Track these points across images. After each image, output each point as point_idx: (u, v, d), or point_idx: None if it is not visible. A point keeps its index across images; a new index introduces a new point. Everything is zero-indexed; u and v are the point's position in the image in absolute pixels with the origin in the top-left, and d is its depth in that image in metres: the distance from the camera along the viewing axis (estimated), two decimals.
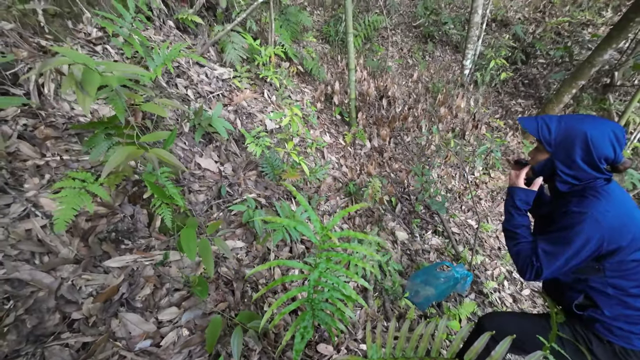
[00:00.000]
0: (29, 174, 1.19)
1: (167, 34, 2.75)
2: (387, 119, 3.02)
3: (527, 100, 5.35)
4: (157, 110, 0.92)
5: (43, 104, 1.36)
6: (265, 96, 3.03)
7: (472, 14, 4.14)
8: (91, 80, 0.74)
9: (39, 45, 1.45)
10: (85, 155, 1.35)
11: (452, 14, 6.80)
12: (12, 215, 1.06)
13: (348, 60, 3.14)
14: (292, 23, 4.31)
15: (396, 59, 6.07)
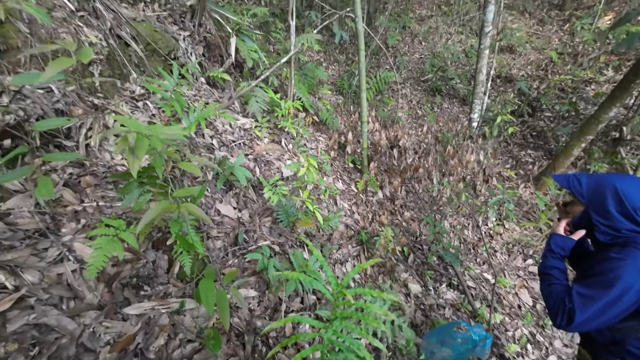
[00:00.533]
0: (67, 219, 1.29)
1: (198, 88, 3.06)
2: (398, 169, 3.12)
3: (537, 151, 5.43)
4: (193, 169, 1.03)
5: (88, 154, 1.52)
6: (282, 144, 3.22)
7: (477, 72, 4.44)
8: (141, 146, 0.86)
9: (92, 103, 1.66)
10: (118, 202, 1.46)
11: (458, 71, 7.28)
12: (48, 259, 1.14)
13: (361, 114, 3.36)
14: (309, 77, 4.72)
15: (406, 110, 6.41)
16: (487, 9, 4.09)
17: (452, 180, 2.98)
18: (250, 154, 2.44)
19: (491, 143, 3.73)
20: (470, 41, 8.44)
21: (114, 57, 2.09)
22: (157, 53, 2.73)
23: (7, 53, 1.44)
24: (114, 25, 2.21)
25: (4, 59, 1.42)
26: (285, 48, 4.87)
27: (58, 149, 1.43)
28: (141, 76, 2.35)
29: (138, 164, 0.84)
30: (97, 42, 1.91)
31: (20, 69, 1.45)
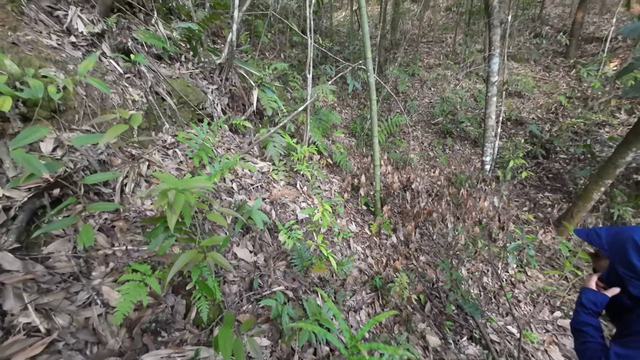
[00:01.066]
0: (98, 262, 1.38)
1: (222, 135, 3.31)
2: (412, 212, 3.14)
3: (555, 193, 5.31)
4: (220, 220, 1.12)
5: (122, 200, 1.65)
6: (298, 187, 3.34)
7: (486, 117, 4.59)
8: (178, 202, 0.96)
9: (130, 153, 1.85)
10: (144, 245, 1.55)
11: (467, 114, 7.51)
12: (78, 303, 1.20)
13: (373, 157, 3.49)
14: (323, 121, 4.99)
15: (417, 151, 6.55)
16: (491, 61, 4.35)
17: (467, 225, 2.94)
18: (267, 198, 2.55)
19: (505, 186, 3.72)
20: (478, 86, 8.80)
21: (151, 111, 2.35)
22: (187, 105, 3.02)
23: (65, 112, 1.67)
24: (153, 83, 2.51)
25: (62, 117, 1.64)
26: (302, 97, 5.25)
27: (97, 195, 1.58)
28: (173, 126, 2.60)
29: (175, 219, 0.93)
30: (138, 99, 2.17)
31: (74, 126, 1.67)
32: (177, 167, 2.11)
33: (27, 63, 1.59)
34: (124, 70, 2.38)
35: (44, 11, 2.36)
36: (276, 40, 8.10)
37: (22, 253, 1.20)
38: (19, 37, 1.70)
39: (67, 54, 1.93)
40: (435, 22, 12.58)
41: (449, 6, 14.25)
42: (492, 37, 4.34)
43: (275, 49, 7.84)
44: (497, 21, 4.29)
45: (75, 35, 2.21)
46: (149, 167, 1.90)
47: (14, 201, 1.25)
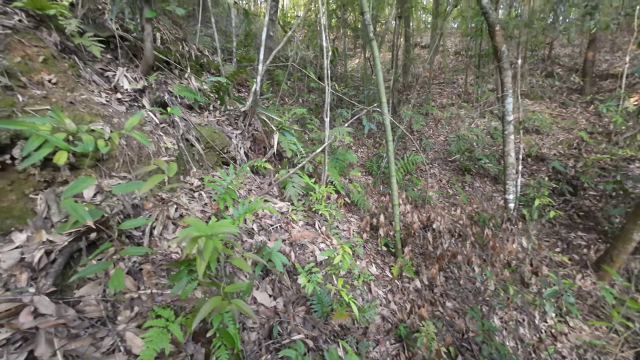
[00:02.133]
0: (124, 306, 1.40)
1: (243, 176, 3.45)
2: (434, 254, 3.02)
3: (589, 233, 4.97)
4: (244, 266, 1.14)
5: (150, 243, 1.72)
6: (316, 226, 3.34)
7: (505, 155, 4.55)
8: (208, 249, 1.00)
9: (160, 197, 1.96)
10: (168, 289, 1.57)
11: (485, 151, 7.47)
12: (103, 349, 1.21)
13: (392, 197, 3.48)
14: (340, 160, 5.10)
15: (436, 189, 6.47)
16: (505, 101, 4.43)
17: (496, 268, 2.78)
18: (286, 239, 2.56)
19: (533, 226, 3.54)
20: (493, 124, 8.85)
21: (181, 156, 2.52)
22: (213, 149, 3.22)
23: (107, 161, 1.83)
24: (184, 131, 2.73)
25: (104, 165, 1.80)
26: (319, 138, 5.47)
27: (128, 238, 1.65)
28: (199, 170, 2.75)
29: (204, 265, 0.97)
30: (171, 146, 2.35)
31: (113, 173, 1.81)
32: (202, 209, 2.20)
33: (80, 119, 1.80)
34: (160, 120, 2.62)
35: (97, 73, 2.71)
36: (295, 87, 8.71)
37: (57, 297, 1.25)
38: (75, 97, 1.94)
39: (113, 109, 2.17)
40: (445, 65, 13.15)
41: (457, 50, 14.98)
42: (503, 79, 4.48)
43: (294, 95, 8.39)
44: (507, 64, 4.46)
45: (120, 92, 2.50)
46: (177, 209, 2.00)
47: (55, 245, 1.34)
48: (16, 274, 1.20)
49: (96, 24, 3.32)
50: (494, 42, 4.49)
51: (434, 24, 11.96)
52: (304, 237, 2.45)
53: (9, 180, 1.40)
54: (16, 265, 1.22)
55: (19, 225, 1.36)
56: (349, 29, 12.25)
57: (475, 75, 10.53)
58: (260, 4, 13.92)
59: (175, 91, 3.11)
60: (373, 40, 3.42)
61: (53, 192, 1.50)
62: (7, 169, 1.42)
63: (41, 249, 1.29)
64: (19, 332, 1.08)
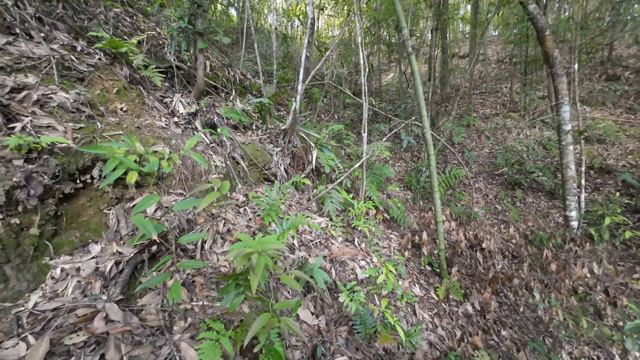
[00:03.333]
0: (178, 317, 1.48)
1: (283, 192, 3.55)
2: (485, 276, 2.78)
3: None
4: (293, 284, 1.15)
5: (202, 256, 1.82)
6: (355, 243, 3.28)
7: (564, 168, 4.13)
8: (260, 265, 1.03)
9: (211, 213, 2.09)
10: (217, 302, 1.63)
11: (537, 164, 6.86)
12: (161, 358, 1.28)
13: (435, 213, 3.32)
14: (377, 175, 5.02)
15: (482, 205, 6.04)
16: (561, 109, 4.08)
17: (561, 296, 2.47)
18: (327, 256, 2.54)
19: (603, 247, 3.11)
20: (546, 133, 8.14)
21: (228, 173, 2.68)
22: (256, 166, 3.38)
23: (166, 179, 2.00)
24: (231, 149, 2.91)
25: (163, 183, 1.97)
26: (356, 153, 5.47)
27: (183, 251, 1.77)
28: (244, 186, 2.89)
29: (257, 281, 1.00)
30: (219, 164, 2.51)
31: (171, 190, 1.97)
32: (247, 224, 2.29)
33: (145, 142, 2.01)
34: (210, 140, 2.82)
35: (158, 100, 3.03)
36: (331, 104, 8.89)
37: (123, 305, 1.37)
38: (141, 122, 2.18)
39: (172, 132, 2.40)
40: (487, 74, 12.55)
41: (500, 58, 14.25)
42: (557, 85, 4.13)
43: (329, 112, 8.57)
44: (560, 70, 4.12)
45: (177, 116, 2.76)
46: (224, 224, 2.10)
47: (123, 256, 1.48)
48: (92, 282, 1.35)
49: (157, 57, 3.74)
50: (545, 48, 4.20)
51: (472, 34, 11.58)
52: (344, 254, 2.42)
53: (88, 197, 1.60)
54: (92, 274, 1.37)
55: (95, 237, 1.54)
56: (383, 44, 12.36)
57: (522, 83, 9.88)
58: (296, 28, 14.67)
59: (223, 113, 3.35)
60: (412, 55, 3.40)
61: (122, 207, 1.67)
62: (87, 188, 1.62)
63: (112, 260, 1.43)
64: (93, 336, 1.19)
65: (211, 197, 1.22)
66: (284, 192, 2.18)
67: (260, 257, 1.05)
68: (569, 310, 2.52)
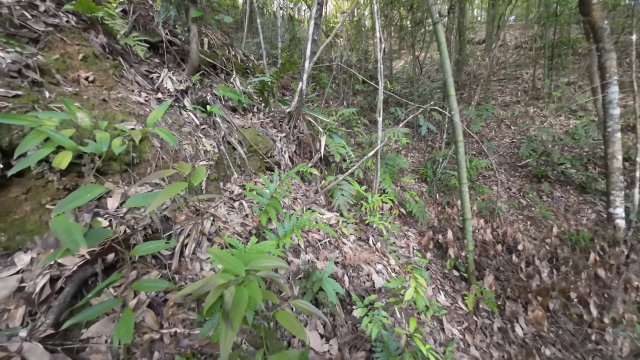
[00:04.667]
0: (141, 352, 1.08)
1: (289, 182, 3.12)
2: (528, 286, 2.32)
3: None
4: (295, 328, 0.73)
5: (180, 264, 1.41)
6: (370, 242, 2.86)
7: (608, 159, 3.60)
8: (239, 307, 0.61)
9: (195, 208, 1.67)
10: (198, 327, 1.23)
11: (565, 154, 6.27)
12: None
13: (463, 210, 2.85)
14: (390, 166, 4.55)
15: (505, 199, 5.53)
16: (609, 90, 3.51)
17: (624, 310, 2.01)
18: (339, 260, 2.12)
19: None
20: (572, 122, 7.50)
21: (222, 160, 2.25)
22: (256, 153, 2.95)
23: (139, 165, 1.59)
24: (226, 133, 2.48)
25: (135, 170, 1.55)
26: (368, 141, 4.99)
27: (155, 258, 1.37)
28: (241, 176, 2.47)
29: (232, 337, 0.58)
30: (210, 149, 2.08)
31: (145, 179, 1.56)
32: (242, 222, 1.88)
33: (111, 117, 1.59)
34: (201, 121, 2.40)
35: (142, 74, 2.60)
36: (339, 90, 8.35)
37: (58, 340, 0.97)
38: (110, 95, 1.76)
39: (152, 109, 1.97)
40: (506, 60, 11.77)
41: (519, 44, 13.40)
42: (604, 62, 3.56)
43: (338, 98, 8.04)
44: (609, 44, 3.54)
45: (162, 92, 2.33)
46: (213, 222, 1.69)
47: (64, 269, 1.08)
48: (10, 309, 0.95)
49: (146, 29, 3.29)
50: (591, 18, 3.62)
51: (490, 14, 10.80)
52: (359, 260, 1.99)
53: (24, 187, 1.19)
54: (12, 297, 0.97)
55: (30, 242, 1.14)
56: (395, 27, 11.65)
57: (546, 68, 9.14)
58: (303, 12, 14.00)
59: (219, 92, 2.91)
60: (438, 23, 2.88)
61: None
62: (25, 175, 1.21)
63: (46, 275, 1.04)
64: None
65: (172, 190, 0.80)
66: (285, 182, 1.75)
67: (239, 290, 0.63)
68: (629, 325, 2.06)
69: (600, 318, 2.01)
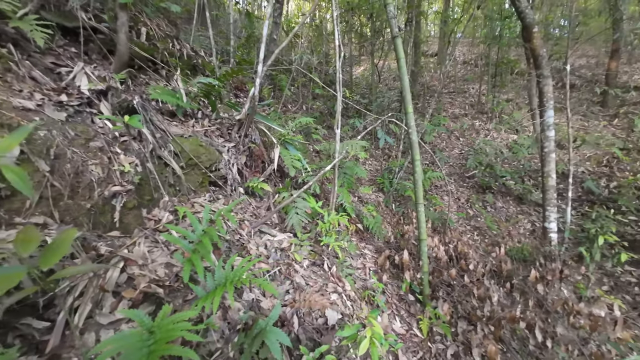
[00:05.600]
0: None
1: (234, 199, 2.78)
2: (481, 312, 2.31)
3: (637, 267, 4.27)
4: None
5: (64, 340, 1.04)
6: (325, 266, 2.65)
7: (545, 177, 3.88)
8: None
9: (97, 253, 1.29)
10: None
11: (505, 167, 6.81)
12: None
13: (419, 230, 2.80)
14: (348, 175, 4.43)
15: (455, 210, 5.78)
16: (546, 114, 3.79)
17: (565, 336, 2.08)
18: (288, 303, 1.86)
19: (593, 269, 2.86)
20: (511, 137, 8.22)
21: (147, 181, 1.85)
22: (197, 167, 2.56)
23: (10, 199, 1.16)
24: (156, 146, 2.07)
25: (4, 206, 1.13)
26: (327, 151, 4.81)
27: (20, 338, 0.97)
28: (175, 197, 2.09)
29: None
30: (129, 169, 1.68)
31: (18, 218, 1.14)
32: (167, 262, 1.52)
33: None
34: (121, 132, 1.96)
35: (45, 68, 2.07)
36: (299, 94, 8.10)
37: None
38: None
39: (45, 117, 1.52)
40: (455, 74, 12.61)
41: (467, 60, 14.48)
42: (542, 88, 3.84)
43: (297, 102, 7.78)
44: (547, 71, 3.83)
45: (68, 93, 1.85)
46: (125, 268, 1.32)
47: None
48: None
49: (60, 11, 2.69)
50: (532, 45, 3.88)
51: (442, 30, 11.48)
52: (314, 305, 1.76)
53: None
54: None
55: None
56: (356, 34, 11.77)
57: (490, 85, 9.94)
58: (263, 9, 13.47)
59: (152, 94, 2.46)
60: (397, 38, 2.79)
61: None
62: None
63: None
64: None
65: None
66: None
67: None
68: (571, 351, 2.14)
69: (544, 342, 2.05)
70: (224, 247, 2.06)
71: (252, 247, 2.30)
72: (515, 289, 2.81)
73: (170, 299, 1.30)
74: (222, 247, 2.06)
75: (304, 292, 1.87)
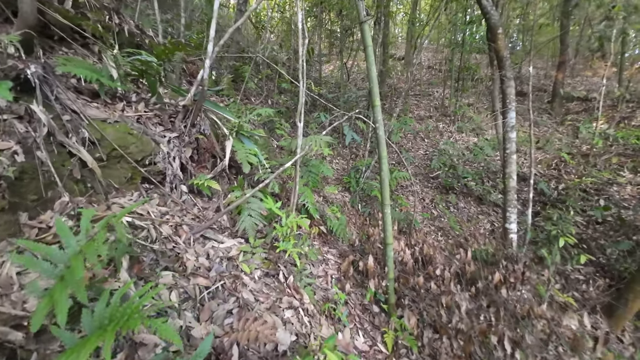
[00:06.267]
0: None
1: (175, 201, 2.35)
2: (451, 326, 2.14)
3: (585, 265, 4.51)
4: None
5: None
6: (280, 277, 2.32)
7: (506, 178, 3.91)
8: None
9: None
10: None
11: (467, 168, 6.98)
12: None
13: (385, 234, 2.58)
14: (313, 174, 4.14)
15: (420, 210, 5.75)
16: (508, 115, 3.81)
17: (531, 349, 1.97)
18: (228, 330, 1.50)
19: (553, 271, 2.87)
20: (472, 139, 8.52)
21: (34, 175, 1.38)
22: (125, 160, 2.09)
23: None
24: (56, 129, 1.59)
25: None
26: (291, 147, 4.47)
27: None
28: (81, 197, 1.62)
29: None
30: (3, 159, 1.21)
31: None
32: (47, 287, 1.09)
33: None
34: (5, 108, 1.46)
35: None
36: (264, 87, 7.64)
37: None
38: None
39: None
40: (421, 77, 12.93)
41: (431, 65, 14.96)
42: (506, 89, 3.86)
43: (262, 95, 7.32)
44: (510, 73, 3.86)
45: None
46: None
47: None
48: None
49: None
50: (496, 47, 3.88)
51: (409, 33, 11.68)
52: (259, 339, 1.41)
53: None
54: None
55: None
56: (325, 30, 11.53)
57: (453, 89, 10.27)
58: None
59: (60, 67, 1.94)
60: (365, 23, 2.55)
61: None
62: None
63: None
64: None
65: None
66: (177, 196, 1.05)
67: None
68: None
69: (512, 353, 1.92)
70: (148, 260, 1.64)
71: (189, 257, 1.90)
72: (480, 293, 2.71)
73: (36, 347, 0.89)
74: (146, 260, 1.64)
75: (250, 312, 1.53)
